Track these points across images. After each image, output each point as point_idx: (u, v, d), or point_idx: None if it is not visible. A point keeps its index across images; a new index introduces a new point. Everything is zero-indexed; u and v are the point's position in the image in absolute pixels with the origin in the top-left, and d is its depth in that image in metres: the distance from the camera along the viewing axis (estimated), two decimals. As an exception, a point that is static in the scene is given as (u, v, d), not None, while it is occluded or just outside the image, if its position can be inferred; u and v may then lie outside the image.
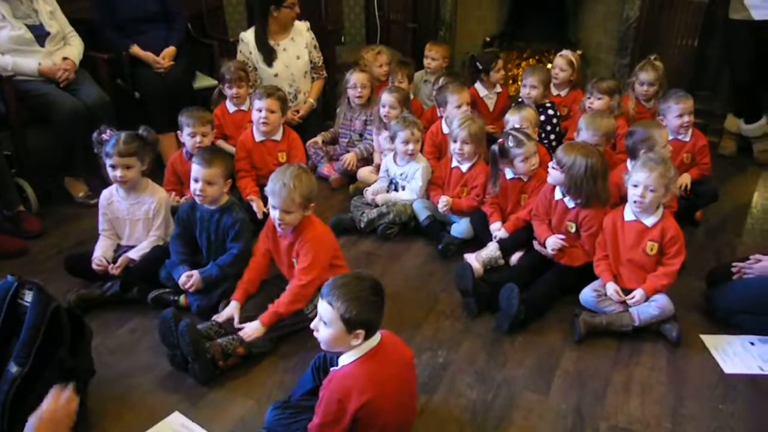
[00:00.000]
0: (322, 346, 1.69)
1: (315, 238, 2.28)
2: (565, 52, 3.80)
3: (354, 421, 1.60)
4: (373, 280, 1.66)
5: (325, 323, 1.63)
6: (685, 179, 3.10)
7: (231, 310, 2.30)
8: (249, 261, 2.45)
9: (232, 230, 2.46)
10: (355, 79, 3.64)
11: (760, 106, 3.96)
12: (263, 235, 2.43)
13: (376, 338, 1.67)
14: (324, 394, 1.64)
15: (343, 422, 1.59)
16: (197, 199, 2.46)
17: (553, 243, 2.58)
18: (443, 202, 2.96)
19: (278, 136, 3.17)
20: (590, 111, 3.26)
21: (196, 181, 2.41)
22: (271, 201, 2.25)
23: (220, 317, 2.29)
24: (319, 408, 1.64)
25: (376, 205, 3.14)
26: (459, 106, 3.25)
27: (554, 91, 3.74)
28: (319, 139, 3.83)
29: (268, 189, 2.25)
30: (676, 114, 3.07)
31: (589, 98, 3.41)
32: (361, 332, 1.60)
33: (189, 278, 2.40)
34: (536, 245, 2.66)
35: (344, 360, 1.66)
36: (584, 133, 2.91)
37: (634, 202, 2.37)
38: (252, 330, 2.21)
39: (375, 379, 1.62)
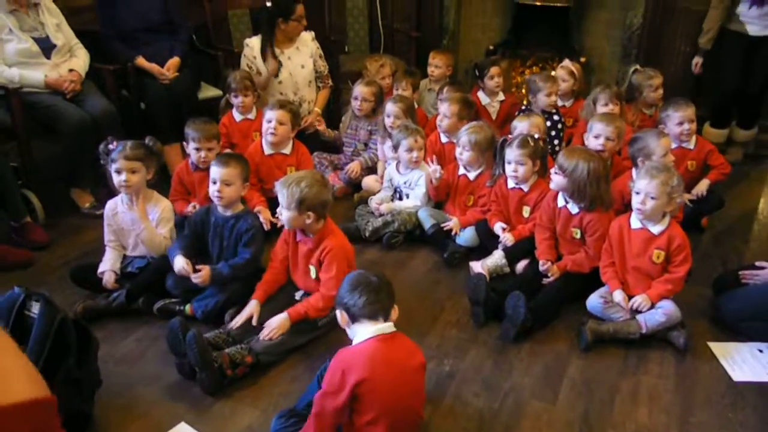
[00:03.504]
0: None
1: (337, 247, 2.29)
2: (566, 63, 3.81)
3: (354, 397, 1.65)
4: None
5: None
6: (703, 186, 3.12)
7: (251, 309, 2.31)
8: (257, 269, 2.47)
9: (246, 236, 2.46)
10: (358, 90, 3.66)
11: (730, 115, 4.09)
12: (281, 241, 2.44)
13: (389, 326, 1.74)
14: (331, 365, 1.71)
15: (343, 394, 1.65)
16: (215, 201, 2.47)
17: (541, 267, 2.59)
18: (452, 224, 2.97)
19: (287, 150, 3.18)
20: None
21: (215, 182, 2.44)
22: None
23: (239, 320, 2.29)
24: (326, 377, 1.71)
25: (381, 214, 3.15)
26: (447, 116, 3.25)
27: (559, 102, 3.73)
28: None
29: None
30: (676, 122, 3.08)
31: (593, 106, 3.41)
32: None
33: (187, 266, 2.41)
34: (542, 267, 2.64)
35: (355, 340, 1.75)
36: (597, 126, 2.92)
37: (637, 209, 2.37)
38: (277, 322, 2.22)
39: (376, 360, 1.68)
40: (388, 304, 1.77)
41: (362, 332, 1.74)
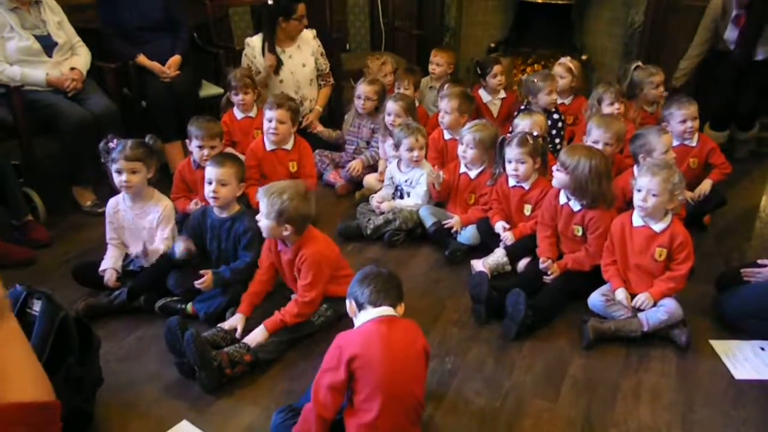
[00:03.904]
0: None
1: (314, 254, 2.27)
2: (563, 60, 3.79)
3: (350, 373, 1.69)
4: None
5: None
6: (705, 186, 3.12)
7: (236, 321, 2.30)
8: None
9: (244, 238, 2.46)
10: (361, 89, 3.66)
11: (729, 119, 4.09)
12: (265, 249, 2.44)
13: (389, 310, 1.78)
14: (331, 345, 1.76)
15: (340, 370, 1.68)
16: (211, 202, 2.47)
17: (541, 265, 2.59)
18: (454, 222, 2.98)
19: (289, 146, 3.18)
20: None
21: (210, 183, 2.44)
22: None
23: (225, 326, 2.30)
24: (325, 356, 1.75)
25: (382, 212, 3.14)
26: (447, 112, 3.26)
27: (558, 100, 3.72)
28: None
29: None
30: (679, 120, 3.08)
31: (597, 105, 3.39)
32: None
33: (188, 244, 2.44)
34: (542, 265, 2.65)
35: (357, 325, 1.81)
36: (595, 132, 2.91)
37: (638, 206, 2.37)
38: (256, 336, 2.22)
39: (371, 338, 1.72)
40: (395, 296, 1.81)
41: (364, 317, 1.79)
